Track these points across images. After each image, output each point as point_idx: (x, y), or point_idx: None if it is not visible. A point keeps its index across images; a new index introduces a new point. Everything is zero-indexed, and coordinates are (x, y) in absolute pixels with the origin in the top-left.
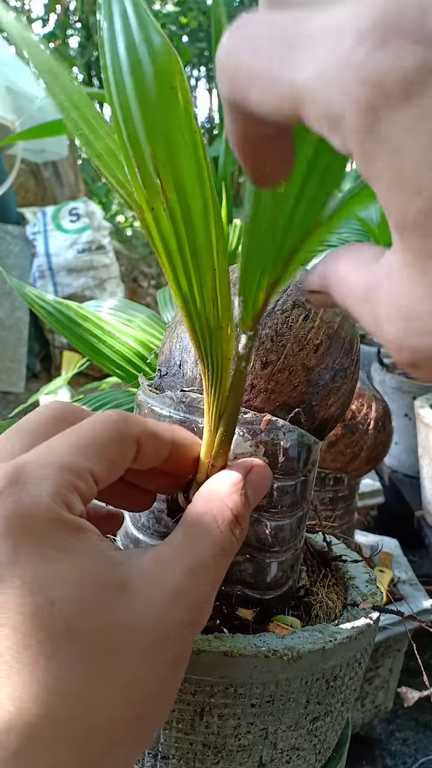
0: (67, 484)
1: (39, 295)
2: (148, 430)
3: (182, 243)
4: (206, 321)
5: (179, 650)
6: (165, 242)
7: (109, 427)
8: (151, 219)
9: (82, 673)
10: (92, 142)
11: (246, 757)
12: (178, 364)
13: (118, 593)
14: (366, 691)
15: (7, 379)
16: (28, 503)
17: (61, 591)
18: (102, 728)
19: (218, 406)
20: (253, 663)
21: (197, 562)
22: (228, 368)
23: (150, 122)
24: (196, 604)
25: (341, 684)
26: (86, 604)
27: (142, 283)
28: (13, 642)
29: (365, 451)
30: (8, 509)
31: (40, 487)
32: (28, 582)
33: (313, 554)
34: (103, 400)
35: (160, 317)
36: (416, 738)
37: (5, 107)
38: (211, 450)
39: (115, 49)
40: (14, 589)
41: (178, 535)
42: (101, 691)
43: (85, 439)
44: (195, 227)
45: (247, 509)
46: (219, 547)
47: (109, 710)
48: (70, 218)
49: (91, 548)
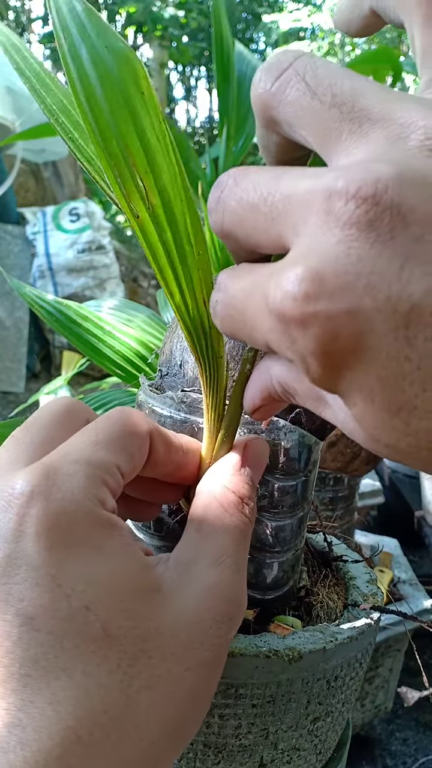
0: (97, 480)
1: (39, 295)
2: (158, 428)
3: (168, 246)
4: (200, 322)
5: (217, 649)
6: (151, 247)
7: (122, 422)
8: (136, 227)
9: (121, 676)
10: (82, 147)
11: (247, 758)
12: (179, 364)
13: (153, 595)
14: (366, 691)
15: (7, 379)
16: (60, 500)
17: (96, 594)
18: (144, 730)
19: (217, 406)
20: (254, 663)
21: (219, 553)
22: (222, 367)
23: (125, 129)
24: (229, 595)
25: (342, 684)
26: (122, 607)
27: (142, 283)
28: (49, 647)
29: (365, 451)
30: (41, 508)
31: (73, 484)
32: (62, 585)
33: (314, 554)
34: (103, 400)
35: (160, 317)
36: (416, 738)
37: (5, 107)
38: (212, 450)
39: (80, 63)
40: (49, 592)
41: (192, 533)
42: (142, 693)
43: (103, 434)
44: (180, 230)
45: (250, 488)
46: (235, 531)
47: (151, 712)
48: (70, 218)
49: (124, 548)
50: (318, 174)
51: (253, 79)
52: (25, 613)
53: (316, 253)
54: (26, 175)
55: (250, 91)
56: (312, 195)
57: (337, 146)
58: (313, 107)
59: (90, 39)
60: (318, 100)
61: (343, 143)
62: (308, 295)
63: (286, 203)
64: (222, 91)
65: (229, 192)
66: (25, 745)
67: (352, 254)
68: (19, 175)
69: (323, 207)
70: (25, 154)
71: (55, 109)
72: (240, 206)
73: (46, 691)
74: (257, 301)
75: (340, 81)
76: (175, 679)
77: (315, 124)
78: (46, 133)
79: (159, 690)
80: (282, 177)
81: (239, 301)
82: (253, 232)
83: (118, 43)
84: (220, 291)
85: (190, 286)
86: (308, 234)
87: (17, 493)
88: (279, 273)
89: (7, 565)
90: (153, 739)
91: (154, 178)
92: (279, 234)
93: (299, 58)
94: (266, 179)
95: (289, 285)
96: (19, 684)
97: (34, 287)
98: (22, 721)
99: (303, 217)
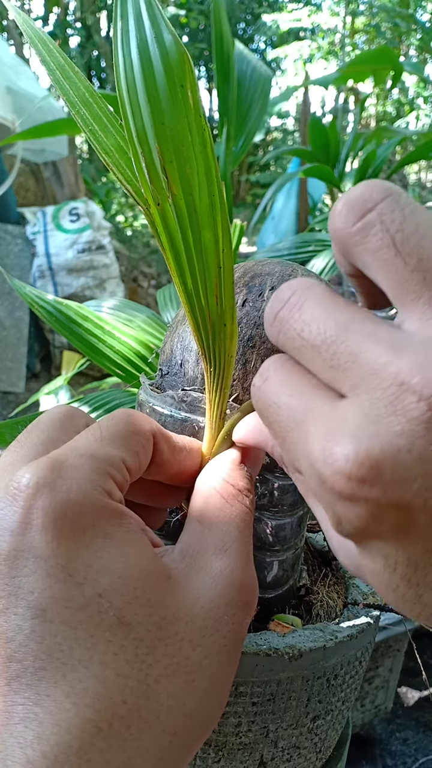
0: (103, 472)
1: (39, 295)
2: (160, 429)
3: (187, 239)
4: (209, 318)
5: (234, 636)
6: (171, 238)
7: (125, 421)
8: (157, 214)
9: (139, 665)
10: (101, 139)
11: (247, 756)
12: (180, 363)
13: (165, 581)
14: (366, 691)
15: (7, 379)
16: (66, 491)
17: (108, 581)
18: (165, 720)
19: (220, 404)
20: (254, 661)
21: (224, 541)
22: (230, 366)
23: (158, 119)
24: (239, 581)
25: (342, 682)
26: (136, 594)
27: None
28: (63, 638)
29: None
30: (47, 500)
31: (78, 476)
32: (73, 574)
33: (314, 553)
34: (103, 400)
35: (160, 317)
36: (416, 738)
37: (5, 107)
38: (212, 447)
39: (128, 47)
40: (60, 582)
41: (195, 524)
42: (161, 682)
43: (107, 431)
44: (201, 224)
45: (249, 481)
46: (237, 519)
47: (171, 701)
48: (70, 218)
49: (133, 536)
50: (391, 347)
51: (334, 207)
52: (37, 605)
53: (378, 436)
54: (26, 175)
55: (250, 90)
56: (383, 372)
57: (414, 307)
58: (395, 264)
59: (143, 27)
60: (402, 260)
61: (421, 306)
62: (364, 480)
63: (350, 361)
64: (222, 91)
65: (290, 316)
66: (43, 740)
67: (414, 452)
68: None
69: (393, 393)
70: (25, 154)
71: (77, 101)
72: (299, 338)
73: (62, 684)
74: (301, 436)
75: (427, 242)
76: (194, 667)
77: (393, 278)
78: (46, 133)
79: (178, 678)
80: (350, 329)
81: (283, 418)
82: (308, 362)
83: (168, 35)
84: (266, 382)
85: (204, 281)
86: (370, 404)
87: (23, 486)
88: (335, 437)
89: (16, 558)
90: (175, 729)
91: (177, 169)
92: (334, 378)
93: (386, 199)
94: (332, 323)
95: (346, 464)
96: (34, 678)
97: (34, 287)
98: (38, 715)
99: (367, 384)
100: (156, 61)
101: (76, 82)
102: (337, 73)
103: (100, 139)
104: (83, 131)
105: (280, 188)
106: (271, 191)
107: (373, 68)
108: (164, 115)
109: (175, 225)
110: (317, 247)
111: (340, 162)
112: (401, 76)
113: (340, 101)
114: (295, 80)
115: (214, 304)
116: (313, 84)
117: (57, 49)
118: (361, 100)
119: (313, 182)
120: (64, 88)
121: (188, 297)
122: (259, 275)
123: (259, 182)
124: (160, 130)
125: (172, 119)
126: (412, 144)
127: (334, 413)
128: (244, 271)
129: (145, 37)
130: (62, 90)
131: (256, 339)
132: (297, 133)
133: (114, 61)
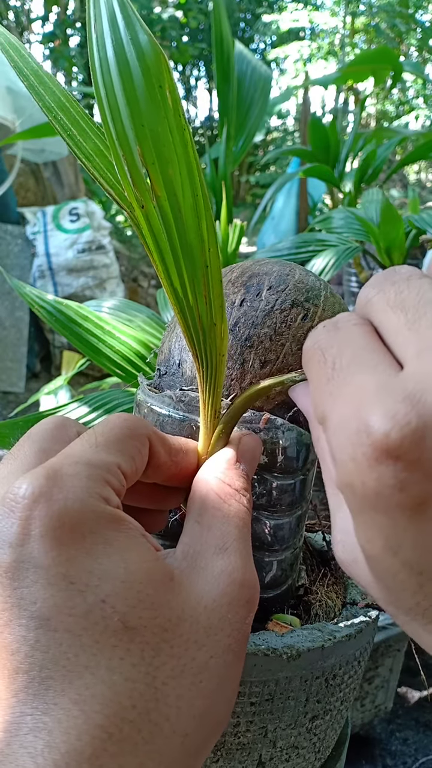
0: (99, 479)
1: (39, 295)
2: (156, 432)
3: (173, 240)
4: (199, 318)
5: (238, 634)
6: (156, 240)
7: (119, 426)
8: (141, 217)
9: (146, 668)
10: (81, 144)
11: (245, 756)
12: (177, 363)
13: (168, 583)
14: (366, 691)
15: (7, 379)
16: (63, 500)
17: (111, 586)
18: (175, 722)
19: (214, 403)
20: (252, 661)
21: (223, 540)
22: (222, 365)
23: (138, 120)
24: (241, 579)
25: (340, 682)
26: (139, 597)
27: (142, 283)
28: (68, 646)
29: None
30: (44, 509)
31: (75, 484)
32: (75, 582)
33: (313, 553)
34: (103, 400)
35: (160, 317)
36: (416, 738)
37: (5, 107)
38: (208, 446)
39: (104, 50)
40: (62, 591)
41: (193, 525)
42: (169, 684)
43: (102, 437)
44: (186, 224)
45: (245, 479)
46: (235, 518)
47: (180, 703)
48: (70, 218)
49: (133, 540)
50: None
51: (359, 295)
52: (40, 615)
53: None
54: (26, 175)
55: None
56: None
57: None
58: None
59: (117, 29)
60: None
61: None
62: (404, 439)
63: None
64: (222, 91)
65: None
66: (53, 748)
67: None
68: (19, 175)
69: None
70: (25, 154)
71: (53, 106)
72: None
73: (70, 691)
74: (354, 385)
75: None
76: (200, 668)
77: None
78: (46, 133)
79: (186, 680)
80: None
81: (345, 363)
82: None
83: (143, 36)
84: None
85: (192, 281)
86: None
87: (20, 497)
88: (389, 394)
89: (16, 569)
90: (185, 731)
91: (160, 170)
92: (407, 340)
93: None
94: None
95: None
96: (41, 687)
97: (34, 287)
98: (47, 724)
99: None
100: (133, 62)
101: (51, 87)
102: (337, 73)
103: (80, 144)
104: (62, 137)
105: (280, 188)
106: (271, 191)
107: (373, 68)
108: (143, 117)
109: (160, 226)
110: (317, 247)
111: (340, 162)
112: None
113: (340, 101)
114: (295, 80)
115: (203, 304)
116: (313, 84)
117: (30, 56)
118: (361, 100)
119: (313, 182)
120: (39, 94)
121: (176, 298)
122: (257, 275)
123: (259, 183)
124: (140, 131)
125: (151, 120)
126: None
127: (394, 374)
128: (241, 270)
129: (120, 38)
130: (37, 96)
131: (253, 339)
132: (297, 133)
133: (90, 64)
